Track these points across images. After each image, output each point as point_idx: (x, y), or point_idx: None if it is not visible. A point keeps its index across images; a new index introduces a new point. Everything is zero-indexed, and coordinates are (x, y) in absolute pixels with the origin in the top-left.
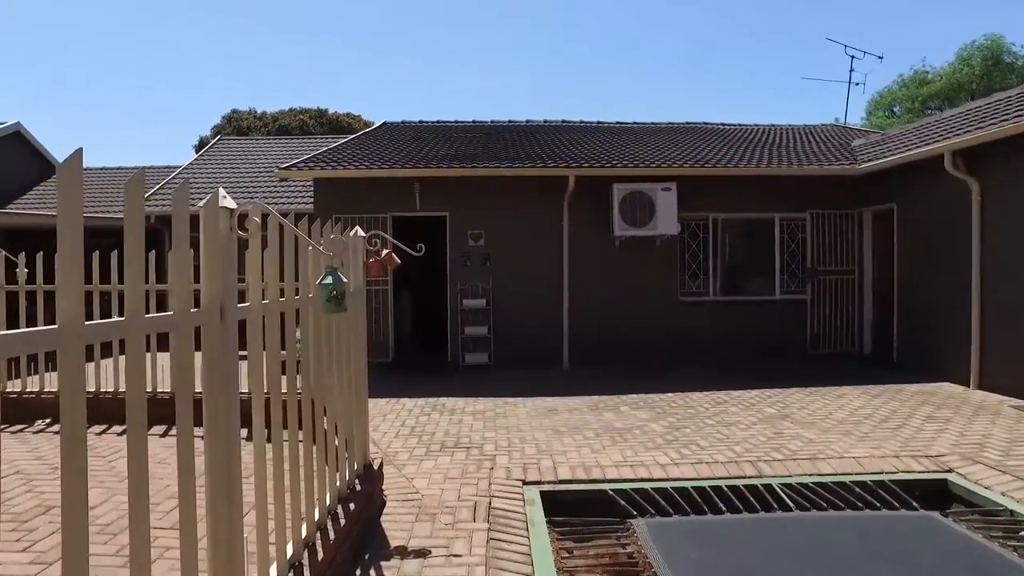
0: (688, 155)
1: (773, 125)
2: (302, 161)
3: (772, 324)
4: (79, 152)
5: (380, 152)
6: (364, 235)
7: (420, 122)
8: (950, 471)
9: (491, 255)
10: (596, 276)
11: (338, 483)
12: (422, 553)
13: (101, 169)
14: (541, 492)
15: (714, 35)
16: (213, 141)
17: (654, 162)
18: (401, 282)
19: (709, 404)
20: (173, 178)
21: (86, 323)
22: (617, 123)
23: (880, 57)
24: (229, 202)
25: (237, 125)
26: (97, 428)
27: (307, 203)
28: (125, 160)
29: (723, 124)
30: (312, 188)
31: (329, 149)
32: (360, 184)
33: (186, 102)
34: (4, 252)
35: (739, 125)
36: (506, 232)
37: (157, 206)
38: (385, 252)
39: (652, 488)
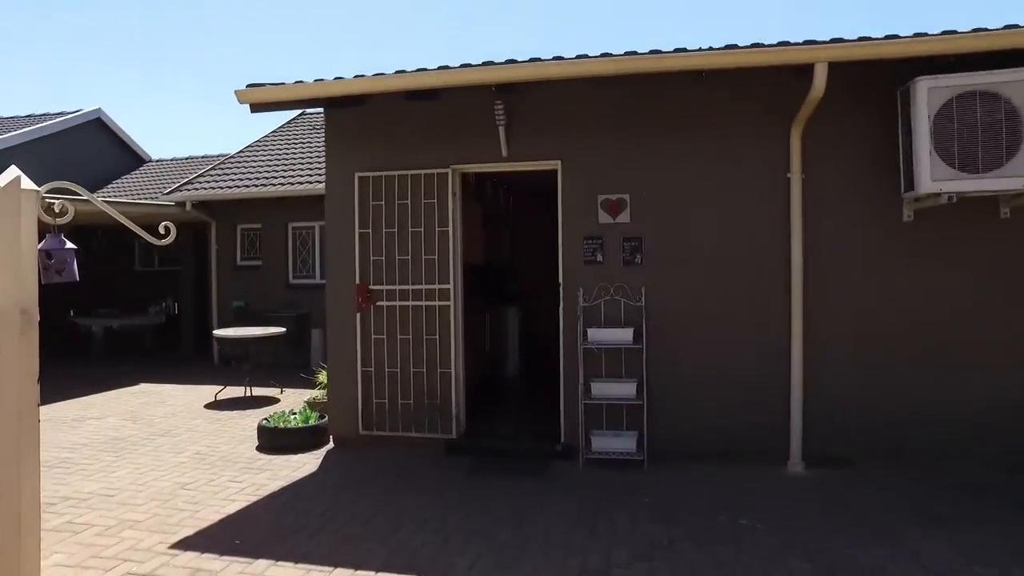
0: None
1: None
2: (293, 80)
3: None
4: None
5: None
6: None
7: None
8: None
9: (644, 241)
10: (866, 280)
11: None
12: None
13: (201, 158)
14: None
15: None
16: (291, 118)
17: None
18: (482, 290)
19: None
20: (229, 158)
21: None
22: None
23: None
24: None
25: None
26: None
27: None
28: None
29: None
30: None
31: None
32: (400, 117)
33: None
34: None
35: None
36: (673, 197)
37: (202, 188)
38: None
39: None
